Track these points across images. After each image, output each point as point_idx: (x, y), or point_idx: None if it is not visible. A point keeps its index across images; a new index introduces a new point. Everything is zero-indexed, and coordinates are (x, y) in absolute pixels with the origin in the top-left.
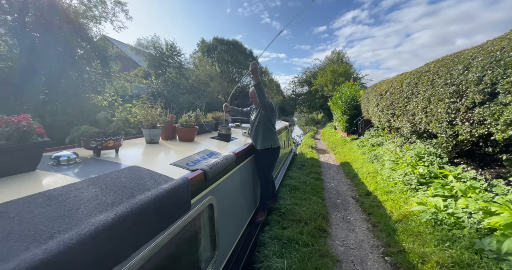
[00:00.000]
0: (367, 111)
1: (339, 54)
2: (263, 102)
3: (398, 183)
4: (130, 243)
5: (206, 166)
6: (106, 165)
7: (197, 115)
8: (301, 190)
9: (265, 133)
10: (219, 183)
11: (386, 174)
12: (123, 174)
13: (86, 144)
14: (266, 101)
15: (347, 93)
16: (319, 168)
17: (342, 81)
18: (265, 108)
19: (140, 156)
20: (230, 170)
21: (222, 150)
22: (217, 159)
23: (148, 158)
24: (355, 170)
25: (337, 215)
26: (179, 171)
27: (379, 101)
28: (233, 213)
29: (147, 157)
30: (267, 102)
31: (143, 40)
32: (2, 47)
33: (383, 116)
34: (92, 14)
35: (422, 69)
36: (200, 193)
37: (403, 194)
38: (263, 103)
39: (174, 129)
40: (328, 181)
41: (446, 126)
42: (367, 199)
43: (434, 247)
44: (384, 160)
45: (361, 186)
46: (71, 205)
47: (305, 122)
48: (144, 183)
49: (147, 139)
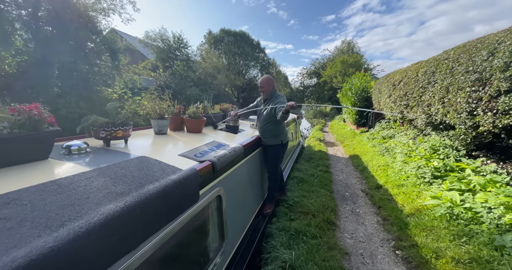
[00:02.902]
0: (378, 102)
1: (349, 44)
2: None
3: (411, 176)
4: (139, 232)
5: (214, 157)
6: (116, 155)
7: (205, 107)
8: (309, 182)
9: (274, 129)
10: (227, 175)
11: (397, 167)
12: (132, 164)
13: (95, 133)
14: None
15: (358, 84)
16: (327, 160)
17: (352, 72)
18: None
19: (148, 147)
20: (238, 161)
21: (229, 141)
22: (225, 151)
23: (156, 148)
24: (365, 162)
25: (346, 208)
26: (187, 162)
27: (391, 92)
28: (241, 204)
29: (155, 148)
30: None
31: (151, 32)
32: (18, 42)
33: (396, 108)
34: (101, 6)
35: (440, 57)
36: (209, 184)
37: (416, 188)
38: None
39: (182, 121)
40: (336, 173)
41: (465, 117)
42: (377, 192)
43: (449, 242)
44: (395, 153)
45: (371, 179)
46: (81, 193)
47: (313, 115)
48: (152, 173)
49: (156, 130)
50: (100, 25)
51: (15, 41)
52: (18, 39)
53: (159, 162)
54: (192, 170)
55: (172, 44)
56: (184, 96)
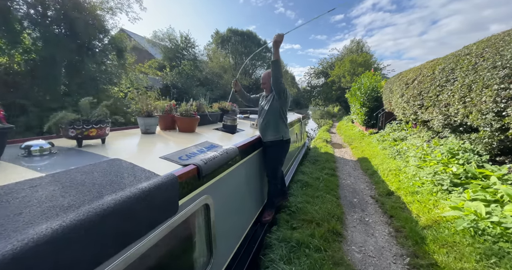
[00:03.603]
0: (389, 103)
1: (358, 44)
2: (278, 85)
3: (426, 183)
4: (84, 258)
5: (201, 160)
6: (85, 157)
7: (200, 105)
8: (313, 186)
9: (276, 124)
10: (217, 180)
11: (411, 172)
12: (98, 169)
13: (65, 132)
14: (281, 85)
15: (367, 84)
16: (334, 163)
17: (362, 72)
18: (278, 94)
19: (129, 147)
20: (232, 164)
21: (225, 142)
22: (215, 153)
23: (138, 149)
24: (375, 166)
25: (354, 216)
26: (169, 165)
27: (404, 91)
28: (235, 212)
29: (137, 149)
30: (282, 87)
31: (159, 32)
32: (27, 41)
33: (409, 108)
34: (108, 5)
35: (460, 53)
36: (193, 192)
37: (433, 196)
38: (277, 87)
39: (173, 119)
40: (343, 177)
41: (491, 118)
42: (389, 199)
43: (475, 263)
44: (408, 156)
45: (381, 184)
46: (14, 208)
47: (320, 116)
48: (120, 180)
49: (142, 129)
50: (107, 24)
51: (24, 40)
52: (27, 38)
53: (133, 166)
54: (170, 176)
55: (179, 44)
56: (190, 95)
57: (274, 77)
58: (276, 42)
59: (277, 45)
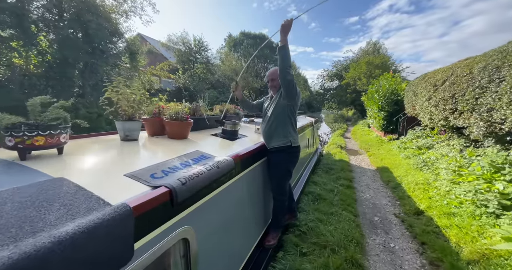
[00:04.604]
0: (412, 106)
1: (375, 45)
2: (286, 76)
3: (465, 203)
4: None
5: (178, 180)
6: (19, 175)
7: (197, 106)
8: (327, 200)
9: (283, 127)
10: (204, 203)
11: (443, 187)
12: (19, 196)
13: (1, 141)
14: (290, 77)
15: (386, 86)
16: (350, 172)
17: (379, 74)
18: (287, 90)
19: (93, 160)
20: (224, 181)
21: (223, 151)
22: (202, 167)
23: (104, 162)
24: (397, 178)
25: (376, 240)
26: (134, 187)
27: (432, 94)
28: (229, 240)
29: (103, 161)
30: (292, 80)
31: (173, 36)
32: (43, 43)
33: (438, 113)
34: (122, 9)
35: (507, 48)
36: (162, 226)
37: (476, 220)
38: (285, 78)
39: (162, 123)
40: (361, 189)
41: None
42: (418, 220)
43: None
44: (438, 168)
45: (407, 200)
46: None
47: (334, 120)
48: (42, 216)
49: (121, 135)
50: (121, 28)
51: (41, 43)
52: (43, 41)
53: (77, 189)
54: (120, 207)
55: (192, 47)
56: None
57: (281, 66)
58: (284, 27)
59: (284, 30)
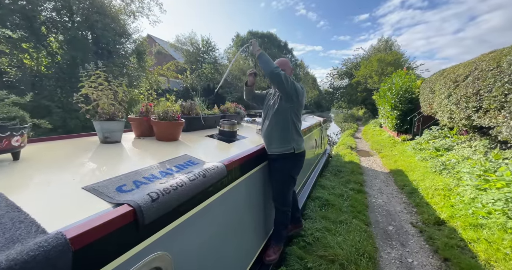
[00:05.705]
0: (429, 105)
1: (387, 42)
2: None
3: (495, 213)
4: None
5: (148, 195)
6: None
7: (192, 105)
8: (336, 206)
9: (284, 131)
10: (185, 221)
11: (468, 194)
12: None
13: None
14: (281, 73)
15: (399, 84)
16: (360, 175)
17: (391, 72)
18: (287, 98)
19: (53, 168)
20: (214, 192)
21: (217, 155)
22: (184, 177)
23: (65, 171)
24: (413, 182)
25: (391, 254)
26: (94, 204)
27: (452, 91)
28: (220, 260)
29: (65, 170)
30: (283, 74)
31: (181, 36)
32: (54, 44)
33: (459, 112)
34: (130, 9)
35: None
36: (125, 253)
37: (508, 234)
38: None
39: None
40: (374, 194)
41: None
42: (439, 232)
43: None
44: (460, 172)
45: (425, 208)
46: None
47: (344, 119)
48: None
49: (100, 137)
50: (129, 28)
51: (51, 44)
52: (53, 42)
53: (9, 210)
54: (54, 239)
55: (200, 48)
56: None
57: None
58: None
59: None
